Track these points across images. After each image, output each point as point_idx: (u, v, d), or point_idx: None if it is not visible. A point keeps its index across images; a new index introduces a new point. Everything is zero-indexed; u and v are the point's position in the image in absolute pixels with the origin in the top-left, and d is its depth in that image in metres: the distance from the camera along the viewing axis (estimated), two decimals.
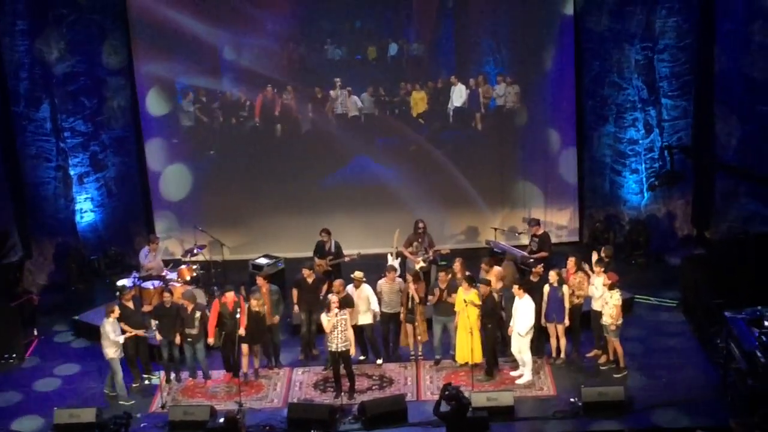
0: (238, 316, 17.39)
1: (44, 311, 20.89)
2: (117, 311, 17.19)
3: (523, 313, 17.15)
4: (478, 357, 17.41)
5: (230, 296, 17.51)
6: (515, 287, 17.26)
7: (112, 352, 17.09)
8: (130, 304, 17.72)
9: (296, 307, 18.48)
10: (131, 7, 22.19)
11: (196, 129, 22.97)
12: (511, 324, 17.38)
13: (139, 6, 22.18)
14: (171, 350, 17.74)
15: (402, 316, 17.97)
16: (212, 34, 22.38)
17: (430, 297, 17.72)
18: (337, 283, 17.73)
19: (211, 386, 17.70)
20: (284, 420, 16.39)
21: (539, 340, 18.11)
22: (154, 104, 22.78)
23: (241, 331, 17.35)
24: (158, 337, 17.60)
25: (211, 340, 17.51)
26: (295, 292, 18.43)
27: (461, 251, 20.65)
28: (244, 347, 17.64)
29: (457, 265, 18.14)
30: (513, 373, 17.58)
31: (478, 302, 17.16)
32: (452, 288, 17.64)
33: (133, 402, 17.24)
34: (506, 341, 17.74)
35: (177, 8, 22.16)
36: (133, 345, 17.56)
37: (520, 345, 17.31)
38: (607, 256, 18.14)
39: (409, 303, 17.79)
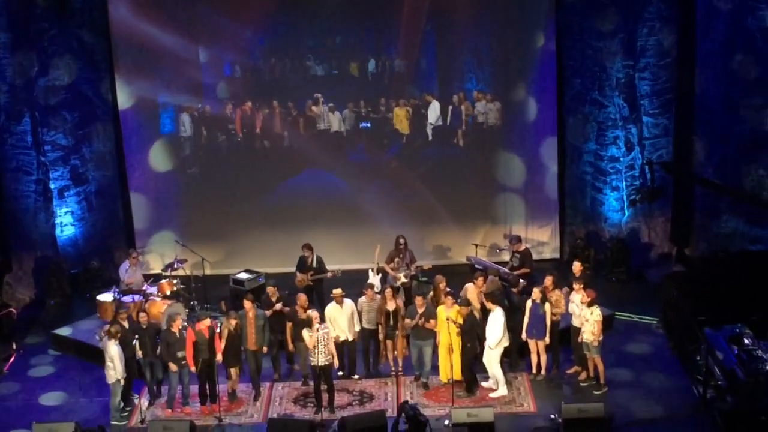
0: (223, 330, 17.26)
1: (23, 325, 20.80)
2: (119, 331, 16.96)
3: (492, 325, 17.19)
4: (458, 374, 17.40)
5: (206, 323, 17.25)
6: (485, 299, 17.29)
7: (118, 374, 16.90)
8: (126, 324, 17.31)
9: None
10: (113, 23, 22.12)
11: (178, 144, 22.94)
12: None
13: (121, 21, 22.11)
14: (153, 370, 17.43)
15: (381, 333, 17.96)
16: (194, 50, 22.36)
17: (407, 321, 17.59)
18: (303, 298, 17.76)
19: (191, 402, 17.56)
20: None
21: (519, 355, 18.19)
22: (136, 119, 22.71)
23: (219, 358, 17.17)
24: (139, 354, 17.29)
25: (193, 369, 17.17)
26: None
27: (442, 267, 20.68)
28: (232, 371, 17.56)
29: (443, 285, 18.13)
30: (485, 384, 17.58)
31: (460, 320, 17.17)
32: (430, 314, 17.54)
33: (125, 423, 17.12)
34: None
35: (159, 24, 22.09)
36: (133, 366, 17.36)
37: (490, 358, 17.32)
38: (578, 271, 18.21)
39: (390, 319, 17.78)
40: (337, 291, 17.90)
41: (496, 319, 17.20)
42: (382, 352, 18.24)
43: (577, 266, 18.49)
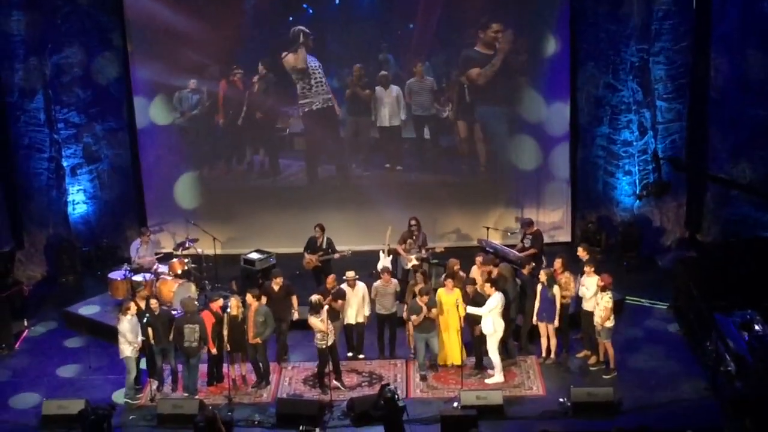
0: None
1: (35, 302, 20.88)
2: (133, 308, 16.84)
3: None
4: (463, 356, 17.36)
5: (218, 303, 17.29)
6: (486, 284, 17.26)
7: (129, 351, 16.84)
8: (142, 304, 17.17)
9: None
10: (126, 1, 22.10)
11: (190, 124, 22.93)
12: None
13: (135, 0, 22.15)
14: (165, 356, 17.26)
15: (405, 314, 17.82)
16: (208, 31, 22.29)
17: (413, 317, 17.34)
18: (330, 278, 17.79)
19: (200, 381, 17.58)
20: (273, 415, 16.36)
21: (529, 339, 18.18)
22: (148, 97, 22.70)
23: (226, 346, 17.18)
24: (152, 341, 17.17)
25: (214, 351, 17.16)
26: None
27: (454, 250, 20.66)
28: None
29: (457, 267, 18.06)
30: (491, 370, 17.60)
31: (462, 306, 17.11)
32: (433, 304, 17.40)
33: (138, 402, 17.07)
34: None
35: (173, 4, 22.09)
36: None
37: (489, 343, 17.29)
38: (583, 255, 18.11)
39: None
40: (351, 273, 17.90)
41: (494, 302, 17.16)
42: (407, 332, 18.12)
43: (580, 251, 18.35)
